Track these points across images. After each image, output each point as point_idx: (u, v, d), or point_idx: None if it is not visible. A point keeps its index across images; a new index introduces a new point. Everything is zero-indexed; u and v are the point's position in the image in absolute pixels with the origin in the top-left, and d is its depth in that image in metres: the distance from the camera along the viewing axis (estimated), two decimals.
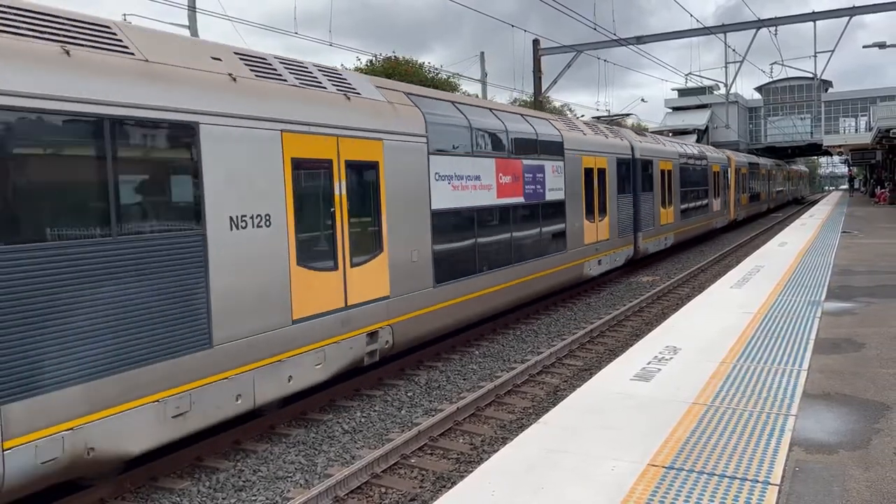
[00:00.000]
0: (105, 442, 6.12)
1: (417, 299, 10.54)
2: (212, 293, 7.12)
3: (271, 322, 7.86)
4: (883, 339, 7.58)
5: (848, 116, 66.98)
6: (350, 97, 9.47)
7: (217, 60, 7.72)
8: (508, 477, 4.31)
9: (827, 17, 32.73)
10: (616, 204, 19.14)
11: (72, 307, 5.91)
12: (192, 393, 6.92)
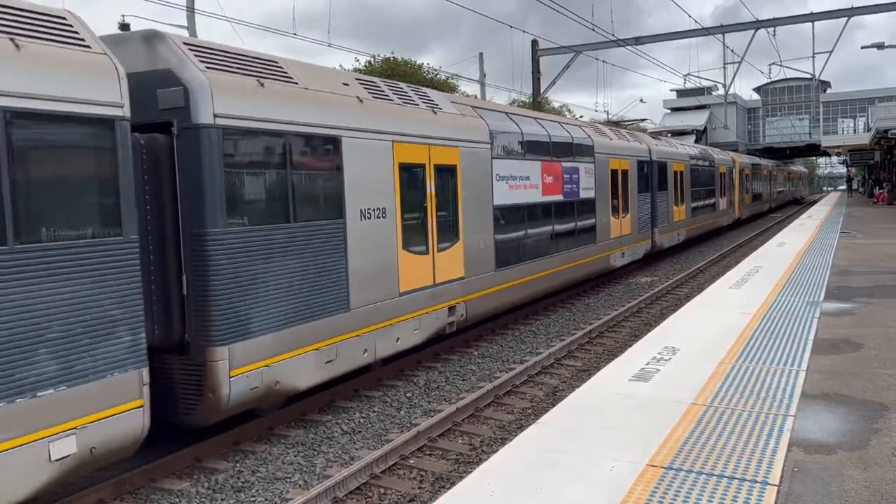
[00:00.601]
0: (285, 378, 8.05)
1: (483, 281, 12.46)
2: (350, 269, 9.08)
3: (386, 293, 9.84)
4: (881, 339, 7.59)
5: (846, 117, 67.09)
6: (436, 112, 11.41)
7: (346, 85, 9.60)
8: (507, 477, 4.31)
9: (825, 18, 32.79)
10: (636, 202, 20.82)
11: (270, 275, 7.83)
12: (338, 345, 8.89)
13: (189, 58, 7.38)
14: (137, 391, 6.39)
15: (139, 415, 6.40)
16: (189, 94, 7.16)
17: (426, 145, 10.80)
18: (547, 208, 14.97)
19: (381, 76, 26.81)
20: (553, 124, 16.15)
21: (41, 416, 5.58)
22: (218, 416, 7.40)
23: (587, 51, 34.80)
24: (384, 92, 10.43)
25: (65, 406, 5.76)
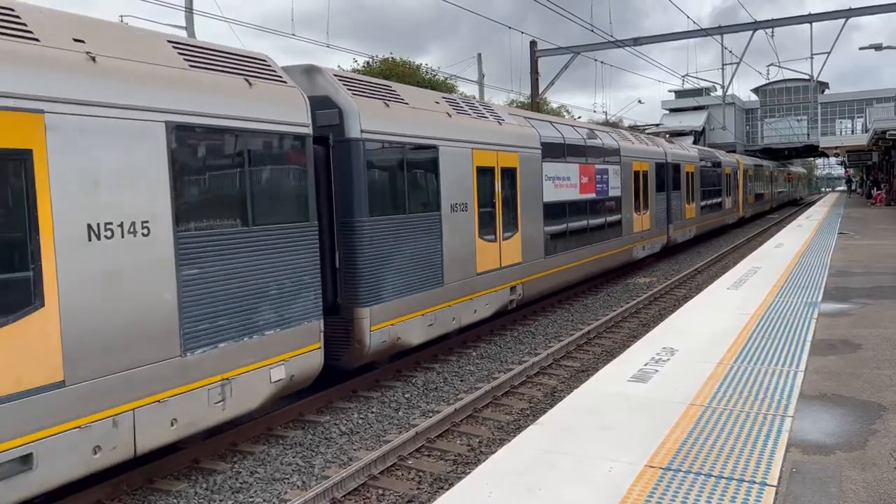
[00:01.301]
0: (403, 335, 10.30)
1: (536, 266, 14.58)
2: (444, 252, 11.25)
3: (468, 273, 12.00)
4: (879, 340, 7.60)
5: (844, 118, 67.21)
6: (500, 123, 13.50)
7: (437, 103, 11.85)
8: (506, 478, 4.31)
9: (823, 19, 32.83)
10: (654, 200, 22.83)
11: (395, 254, 10.05)
12: (436, 313, 11.06)
13: (340, 86, 9.54)
14: (318, 336, 8.58)
15: (318, 354, 8.58)
16: (343, 114, 9.35)
17: (495, 151, 13.00)
18: (583, 205, 17.16)
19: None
20: (587, 130, 18.48)
21: (266, 349, 7.75)
22: (360, 361, 9.68)
23: (585, 51, 34.82)
24: (464, 108, 12.72)
25: (278, 344, 7.93)
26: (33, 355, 5.56)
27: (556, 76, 35.35)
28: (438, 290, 11.11)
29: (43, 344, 5.63)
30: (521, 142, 14.03)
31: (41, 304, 5.62)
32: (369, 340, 9.49)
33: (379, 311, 9.69)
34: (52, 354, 5.70)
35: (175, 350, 6.73)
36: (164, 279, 6.64)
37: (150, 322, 6.50)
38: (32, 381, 5.54)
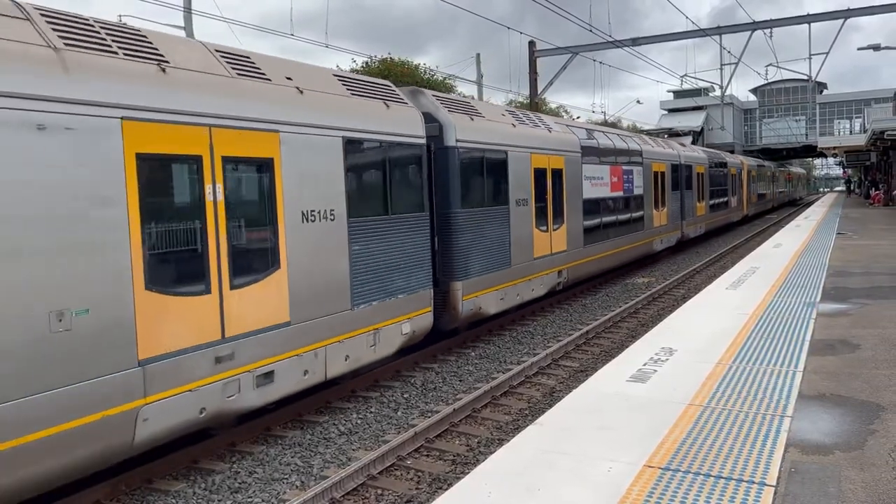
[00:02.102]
0: (483, 305, 12.60)
1: (577, 254, 16.85)
2: (511, 239, 13.55)
3: (527, 257, 14.31)
4: (878, 340, 7.61)
5: (842, 118, 67.26)
6: (550, 131, 15.94)
7: (503, 115, 14.27)
8: (505, 478, 4.31)
9: (822, 20, 32.85)
10: (670, 198, 25.02)
11: (478, 239, 12.31)
12: (505, 290, 13.34)
13: (439, 105, 12.03)
14: (429, 302, 11.04)
15: (430, 316, 11.06)
16: (442, 127, 11.78)
17: (547, 155, 15.24)
18: (614, 202, 19.36)
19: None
20: (615, 135, 20.78)
21: (399, 309, 10.17)
22: (454, 324, 12.15)
23: (584, 52, 34.83)
24: (523, 119, 15.13)
25: (405, 306, 10.31)
26: (274, 302, 7.94)
27: (555, 76, 35.36)
28: (507, 271, 13.48)
29: (279, 295, 8.01)
30: (566, 146, 16.37)
31: (278, 266, 8.00)
32: (461, 307, 11.94)
33: (468, 285, 12.11)
34: (284, 302, 8.08)
35: (347, 304, 9.18)
36: (343, 252, 9.07)
37: (335, 282, 8.94)
38: (274, 320, 7.93)
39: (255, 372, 7.62)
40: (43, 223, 5.71)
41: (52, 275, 5.76)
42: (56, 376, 5.74)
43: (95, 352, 6.05)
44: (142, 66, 6.75)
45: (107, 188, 6.23)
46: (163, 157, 6.78)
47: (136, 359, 6.41)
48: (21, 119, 5.58)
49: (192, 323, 6.95)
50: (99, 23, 6.81)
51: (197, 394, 6.98)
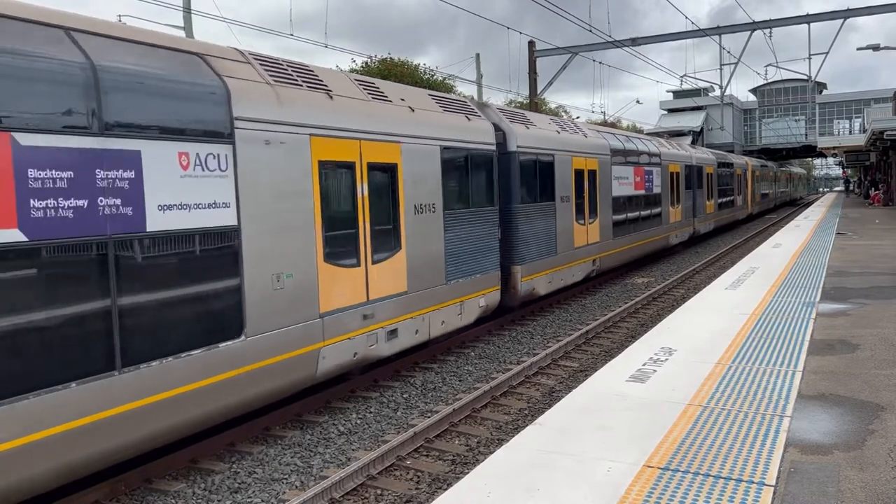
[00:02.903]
0: (536, 287, 14.65)
1: (607, 245, 18.86)
2: (556, 230, 15.69)
3: (569, 247, 16.42)
4: (877, 340, 7.61)
5: (842, 118, 67.23)
6: (587, 136, 18.16)
7: (550, 123, 16.63)
8: (504, 478, 4.31)
9: (821, 20, 32.87)
10: (684, 197, 27.09)
11: (532, 230, 14.34)
12: (552, 274, 15.49)
13: (503, 116, 14.16)
14: (497, 282, 13.13)
15: (497, 294, 13.17)
16: (505, 135, 13.84)
17: (584, 157, 17.39)
18: (637, 199, 21.45)
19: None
20: (637, 139, 23.08)
21: (476, 286, 12.31)
22: (514, 302, 14.14)
23: (584, 52, 34.84)
24: (566, 127, 17.56)
25: (480, 283, 12.47)
26: (398, 276, 10.20)
27: (555, 76, 35.37)
28: (554, 258, 15.54)
29: (400, 270, 10.29)
30: (598, 150, 18.45)
31: (399, 248, 10.26)
32: (520, 288, 14.01)
33: (525, 269, 14.16)
34: (403, 276, 10.35)
35: (443, 280, 11.41)
36: (440, 238, 11.34)
37: (435, 262, 11.22)
38: (397, 289, 10.19)
39: (386, 328, 9.93)
40: (277, 211, 7.99)
41: (276, 247, 7.96)
42: (277, 321, 7.95)
43: (297, 305, 8.26)
44: (319, 96, 8.93)
45: (303, 185, 8.41)
46: (333, 163, 8.97)
47: (319, 312, 8.62)
48: (260, 136, 7.80)
49: (349, 288, 9.24)
50: (285, 61, 9.01)
51: (352, 341, 9.24)
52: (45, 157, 5.81)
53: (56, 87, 5.90)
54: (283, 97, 8.23)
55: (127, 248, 6.41)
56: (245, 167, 7.57)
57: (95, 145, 6.18)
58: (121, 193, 6.38)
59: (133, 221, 6.46)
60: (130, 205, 6.46)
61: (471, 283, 12.16)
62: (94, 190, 6.16)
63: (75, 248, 5.98)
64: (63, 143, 5.95)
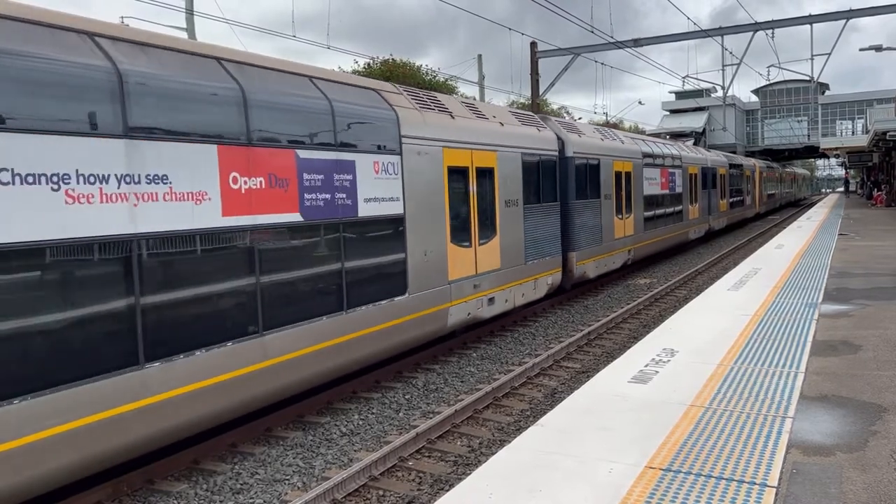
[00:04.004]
0: (587, 271, 17.28)
1: (639, 238, 21.50)
2: (602, 223, 18.23)
3: (611, 237, 18.99)
4: (879, 341, 7.60)
5: (844, 119, 67.14)
6: (623, 142, 20.72)
7: (595, 131, 19.27)
8: (506, 479, 4.31)
9: (824, 20, 32.84)
10: (700, 196, 29.61)
11: (584, 222, 17.00)
12: (598, 261, 17.90)
13: (561, 127, 16.84)
14: (560, 264, 15.69)
15: (559, 275, 15.68)
16: (563, 144, 16.39)
17: (622, 160, 19.93)
18: (662, 198, 24.07)
19: (380, 78, 26.86)
20: (660, 143, 25.71)
21: (544, 266, 14.76)
22: (570, 283, 16.63)
23: (586, 53, 34.84)
24: (607, 134, 20.00)
25: (547, 265, 14.89)
26: (494, 255, 12.87)
27: (557, 77, 35.37)
28: (600, 246, 18.15)
29: (496, 250, 12.95)
30: (632, 154, 21.01)
31: (495, 233, 12.94)
32: (575, 270, 16.63)
33: (578, 255, 16.76)
34: (497, 256, 12.96)
35: (522, 261, 14.00)
36: (521, 226, 13.94)
37: (517, 245, 13.76)
38: (494, 266, 12.87)
39: (487, 296, 12.66)
40: (424, 204, 10.78)
41: (424, 231, 10.75)
42: (425, 284, 10.76)
43: (436, 274, 11.07)
44: (446, 117, 11.71)
45: (438, 185, 11.19)
46: (455, 168, 11.72)
47: (448, 280, 11.42)
48: (422, 149, 10.76)
49: (465, 263, 11.97)
50: (420, 91, 11.91)
51: (467, 304, 12.00)
52: (310, 165, 8.47)
53: (315, 120, 8.68)
54: (426, 119, 11.06)
55: (348, 228, 9.13)
56: (407, 172, 10.34)
57: (334, 157, 8.90)
58: (345, 190, 9.11)
59: (351, 209, 9.21)
60: (350, 198, 9.20)
61: (541, 265, 14.75)
62: (333, 187, 8.90)
63: (325, 227, 8.73)
64: (318, 155, 8.64)
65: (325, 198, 8.73)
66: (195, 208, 7.04)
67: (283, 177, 8.10)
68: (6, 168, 5.51)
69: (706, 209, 30.46)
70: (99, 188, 6.20)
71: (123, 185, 6.40)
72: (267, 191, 7.88)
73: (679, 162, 26.18)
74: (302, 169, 8.33)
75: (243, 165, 7.61)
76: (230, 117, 7.52)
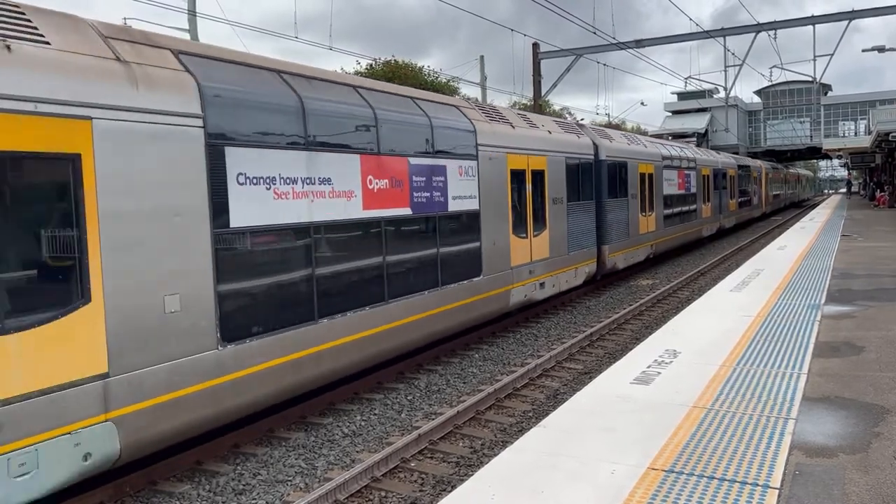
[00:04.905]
0: (618, 262, 19.46)
1: (660, 234, 23.40)
2: (629, 220, 20.15)
3: (636, 233, 20.80)
4: (882, 342, 7.59)
5: (847, 120, 67.04)
6: (646, 146, 22.66)
7: (622, 136, 21.45)
8: (508, 480, 4.31)
9: (826, 21, 32.81)
10: (713, 196, 31.53)
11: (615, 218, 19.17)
12: (626, 253, 20.11)
13: (595, 134, 18.79)
14: (595, 255, 17.66)
15: (594, 265, 17.65)
16: (597, 149, 18.16)
17: (646, 163, 21.97)
18: (680, 197, 26.13)
19: (382, 79, 26.87)
20: (677, 146, 28.06)
21: (581, 257, 16.86)
22: (602, 273, 18.39)
23: (588, 54, 34.83)
24: (633, 139, 22.21)
25: (584, 257, 16.97)
26: (544, 246, 14.79)
27: (559, 78, 35.37)
28: (627, 240, 20.00)
29: (546, 242, 14.83)
30: (654, 157, 22.95)
31: (545, 227, 14.89)
32: (607, 262, 18.50)
33: (610, 248, 18.65)
34: (546, 246, 14.90)
35: (566, 251, 15.97)
36: (564, 221, 15.92)
37: (562, 237, 15.72)
38: (543, 256, 14.79)
39: (539, 281, 14.59)
40: (493, 201, 12.79)
41: (493, 224, 12.79)
42: (494, 268, 12.82)
43: (501, 260, 13.05)
44: (507, 127, 13.78)
45: (503, 184, 13.20)
46: (515, 171, 13.71)
47: (510, 265, 13.42)
48: (492, 155, 12.88)
49: (522, 252, 13.93)
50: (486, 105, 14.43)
51: (524, 287, 13.94)
52: (417, 169, 10.62)
53: (420, 133, 10.84)
54: (494, 130, 13.12)
55: (442, 220, 11.25)
56: (481, 174, 12.40)
57: (432, 163, 11.02)
58: (440, 189, 11.21)
59: (444, 205, 11.33)
60: (443, 196, 11.28)
61: (580, 255, 16.77)
62: (431, 187, 10.95)
63: (427, 219, 10.87)
64: (422, 162, 10.77)
65: (427, 195, 10.86)
66: (346, 203, 9.17)
67: (399, 179, 10.24)
68: (242, 172, 7.55)
69: (718, 208, 32.27)
70: (291, 188, 8.25)
71: (305, 185, 8.45)
72: (389, 190, 10.00)
73: (693, 164, 28.07)
74: (412, 173, 10.52)
75: (375, 170, 9.72)
76: (367, 132, 9.63)
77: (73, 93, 5.94)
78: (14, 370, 5.44)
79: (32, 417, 5.52)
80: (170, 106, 6.81)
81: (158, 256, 6.61)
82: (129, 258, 6.33)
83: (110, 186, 6.20)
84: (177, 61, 7.21)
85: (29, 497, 5.44)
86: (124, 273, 6.28)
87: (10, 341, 5.42)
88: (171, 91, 6.88)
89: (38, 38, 5.95)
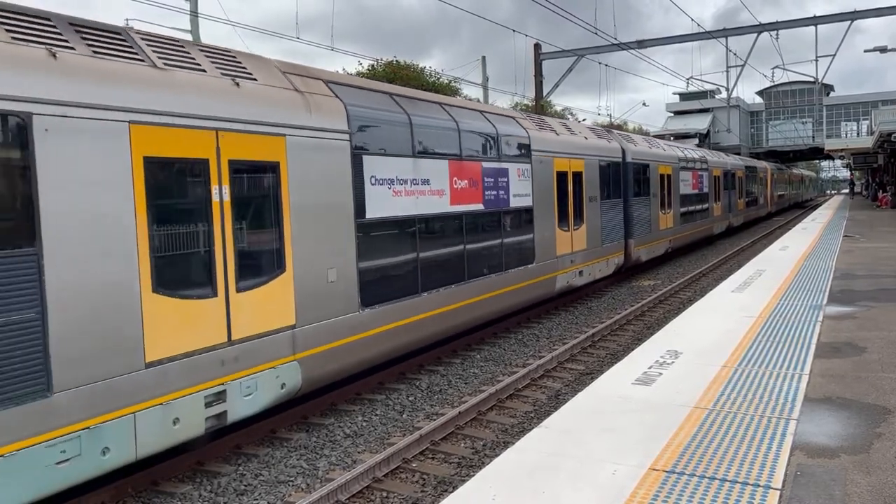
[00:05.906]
0: (641, 255, 21.12)
1: (677, 230, 25.03)
2: (651, 216, 22.15)
3: (657, 228, 22.54)
4: (884, 343, 7.58)
5: (849, 120, 66.98)
6: (665, 150, 24.37)
7: (644, 140, 23.48)
8: (510, 481, 4.31)
9: (828, 21, 32.77)
10: (723, 196, 33.24)
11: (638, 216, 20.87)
12: (649, 247, 21.84)
13: (621, 139, 20.36)
14: (622, 248, 19.55)
15: (622, 257, 19.56)
16: (624, 152, 19.74)
17: (665, 165, 23.71)
18: (694, 197, 27.84)
19: (384, 80, 26.89)
20: (691, 150, 29.66)
21: (612, 250, 18.81)
22: (628, 265, 20.19)
23: (590, 54, 34.82)
24: (653, 142, 24.07)
25: (613, 249, 18.88)
26: (582, 239, 16.81)
27: (561, 79, 35.35)
28: (650, 235, 21.65)
29: (583, 234, 16.83)
30: (672, 159, 24.75)
31: (583, 221, 16.82)
32: (633, 254, 20.10)
33: (635, 242, 20.25)
34: (584, 240, 16.83)
35: (599, 244, 17.67)
36: (598, 216, 17.61)
37: (596, 231, 17.44)
38: (582, 247, 16.75)
39: (578, 270, 16.38)
40: (543, 198, 14.63)
41: (542, 218, 14.60)
42: (543, 257, 14.61)
43: (549, 250, 14.88)
44: (553, 134, 15.69)
45: (551, 185, 15.02)
46: (560, 172, 15.49)
47: (556, 255, 15.20)
48: (542, 159, 14.65)
49: (565, 242, 15.77)
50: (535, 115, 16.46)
51: (566, 274, 15.79)
52: (488, 172, 12.49)
53: (490, 141, 12.72)
54: (543, 137, 14.95)
55: (505, 215, 13.09)
56: (534, 175, 14.22)
57: (498, 166, 12.87)
58: (503, 188, 13.04)
59: (506, 202, 13.17)
60: (506, 194, 13.13)
61: (611, 248, 18.53)
62: (497, 187, 12.78)
63: (493, 214, 12.69)
64: (491, 165, 12.67)
65: (494, 194, 12.73)
66: (439, 199, 11.13)
67: (475, 180, 12.16)
68: (373, 175, 9.59)
69: (727, 208, 33.99)
70: (404, 187, 10.25)
71: (412, 185, 10.46)
72: (468, 189, 11.92)
73: (706, 165, 29.94)
74: (484, 175, 12.43)
75: (458, 173, 11.67)
76: (452, 142, 11.62)
77: (276, 117, 8.02)
78: (245, 318, 7.45)
79: (255, 354, 7.55)
80: (330, 125, 8.88)
81: (323, 238, 8.67)
82: (306, 239, 8.42)
83: (296, 186, 8.25)
84: (328, 89, 9.21)
85: (252, 410, 7.52)
86: (304, 250, 8.34)
87: (243, 298, 7.44)
88: (330, 114, 8.94)
89: (250, 77, 7.99)
